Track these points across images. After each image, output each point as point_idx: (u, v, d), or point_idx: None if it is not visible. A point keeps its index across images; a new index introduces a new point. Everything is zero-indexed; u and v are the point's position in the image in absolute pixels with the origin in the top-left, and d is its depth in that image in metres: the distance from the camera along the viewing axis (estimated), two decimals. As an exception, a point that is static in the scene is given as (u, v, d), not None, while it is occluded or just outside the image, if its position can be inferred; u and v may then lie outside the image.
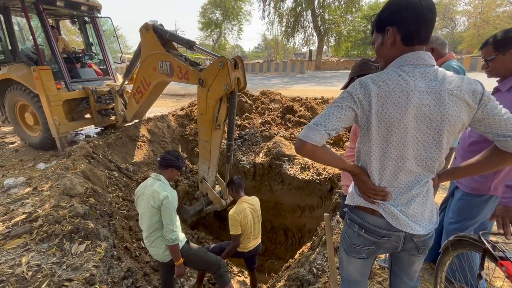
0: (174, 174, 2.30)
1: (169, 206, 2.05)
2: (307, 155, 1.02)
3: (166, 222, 2.07)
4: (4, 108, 5.02)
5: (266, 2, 21.67)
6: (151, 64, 3.68)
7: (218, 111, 3.14)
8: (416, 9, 0.91)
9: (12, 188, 3.67)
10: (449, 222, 1.73)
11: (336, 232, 2.54)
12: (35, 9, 4.38)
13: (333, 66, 23.04)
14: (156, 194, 2.05)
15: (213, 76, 2.96)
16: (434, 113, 0.94)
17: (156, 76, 3.70)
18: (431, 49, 2.09)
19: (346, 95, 0.99)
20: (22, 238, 2.54)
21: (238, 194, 2.76)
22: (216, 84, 2.97)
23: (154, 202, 2.05)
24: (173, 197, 2.10)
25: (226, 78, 2.84)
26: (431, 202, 1.09)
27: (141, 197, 2.16)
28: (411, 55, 0.97)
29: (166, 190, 2.09)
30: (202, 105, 3.21)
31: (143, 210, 2.15)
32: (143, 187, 2.19)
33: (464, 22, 29.77)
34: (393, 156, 1.01)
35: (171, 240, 2.08)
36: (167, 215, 2.06)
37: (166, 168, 2.22)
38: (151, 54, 3.61)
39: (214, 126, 3.23)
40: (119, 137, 4.94)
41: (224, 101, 3.08)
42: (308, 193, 4.10)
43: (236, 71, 2.87)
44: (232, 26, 30.92)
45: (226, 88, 2.87)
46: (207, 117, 3.23)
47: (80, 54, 5.62)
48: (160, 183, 2.13)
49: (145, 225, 2.16)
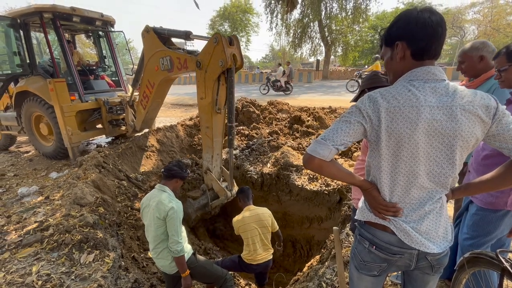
0: (178, 184, 2.31)
1: (174, 217, 2.06)
2: (315, 170, 1.02)
3: (171, 233, 2.07)
4: (20, 118, 5.20)
5: (273, 14, 22.05)
6: (153, 64, 3.76)
7: (217, 93, 3.10)
8: (426, 24, 0.91)
9: (26, 196, 3.76)
10: (464, 237, 1.67)
11: (345, 245, 2.48)
12: (52, 25, 4.59)
13: (340, 75, 23.03)
14: (161, 205, 2.06)
15: (209, 56, 2.95)
16: (446, 129, 0.92)
17: (159, 74, 3.78)
18: (480, 57, 1.83)
19: (355, 109, 0.99)
20: (33, 247, 2.59)
21: (244, 203, 2.80)
22: (212, 63, 2.96)
23: (160, 214, 2.06)
24: (178, 208, 2.11)
25: (221, 54, 2.82)
26: (445, 219, 1.06)
27: (146, 208, 2.17)
28: (421, 70, 0.96)
29: (171, 202, 2.10)
30: (201, 89, 3.20)
31: (149, 221, 2.16)
32: (148, 198, 2.20)
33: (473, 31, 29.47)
34: (404, 172, 0.99)
35: (176, 251, 2.07)
36: (172, 226, 2.06)
37: (170, 179, 2.24)
38: (153, 54, 3.71)
39: (215, 109, 3.17)
40: (129, 147, 5.03)
41: (223, 83, 3.05)
42: (316, 204, 4.04)
43: (232, 47, 2.86)
44: (241, 38, 31.51)
45: (222, 64, 2.84)
46: (206, 100, 3.19)
47: (93, 66, 5.82)
48: (165, 195, 2.14)
49: (151, 237, 2.16)
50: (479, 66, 1.86)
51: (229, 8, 28.58)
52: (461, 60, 1.96)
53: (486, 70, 1.85)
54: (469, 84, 1.95)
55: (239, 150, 5.21)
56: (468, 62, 1.90)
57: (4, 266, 2.34)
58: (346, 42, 22.61)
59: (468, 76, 1.98)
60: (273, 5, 20.94)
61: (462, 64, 1.96)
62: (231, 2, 28.17)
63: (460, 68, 1.98)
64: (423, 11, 0.93)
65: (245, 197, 2.80)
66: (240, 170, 4.76)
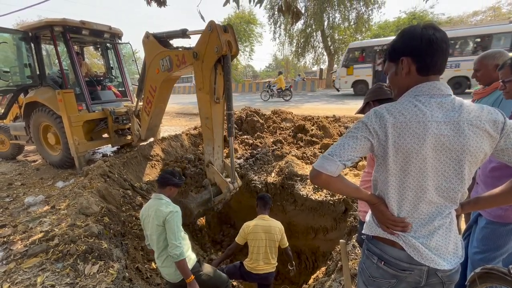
0: (173, 191, 2.32)
1: (171, 220, 2.06)
2: (322, 185, 1.02)
3: (169, 237, 2.07)
4: (29, 128, 5.30)
5: (277, 24, 22.45)
6: (154, 68, 3.82)
7: (215, 83, 3.13)
8: (431, 41, 0.92)
9: (32, 206, 3.79)
10: (474, 251, 1.63)
11: (352, 257, 2.44)
12: (62, 38, 4.73)
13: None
14: (159, 212, 2.09)
15: (205, 45, 2.99)
16: (453, 144, 0.92)
17: (160, 76, 3.84)
18: (496, 66, 1.83)
19: (361, 125, 0.99)
20: (38, 257, 2.59)
21: (260, 210, 2.83)
22: (208, 51, 2.99)
23: (159, 221, 2.08)
24: (177, 212, 2.13)
25: (216, 40, 2.86)
26: (455, 234, 1.04)
27: (147, 219, 2.20)
28: (426, 85, 0.97)
29: (169, 207, 2.12)
30: (199, 79, 3.23)
31: (150, 231, 2.18)
32: (146, 209, 2.23)
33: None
34: (412, 187, 0.99)
35: (176, 256, 2.04)
36: (170, 230, 2.06)
37: (164, 187, 2.27)
38: (153, 58, 3.79)
39: (213, 99, 3.18)
40: (134, 156, 5.07)
41: (220, 72, 3.08)
42: (321, 215, 3.99)
43: (227, 34, 2.90)
44: (244, 48, 31.98)
45: (217, 50, 2.87)
46: (204, 90, 3.21)
47: (101, 77, 5.94)
48: (162, 202, 2.17)
49: (155, 246, 2.18)
50: (495, 75, 1.84)
51: (233, 19, 29.13)
52: (476, 68, 1.98)
53: None
54: (482, 91, 1.97)
55: (243, 159, 5.22)
56: (484, 70, 1.92)
57: (9, 277, 2.34)
58: (349, 51, 22.78)
59: (483, 84, 1.99)
60: (277, 16, 21.33)
61: (478, 72, 1.97)
62: (235, 14, 28.71)
63: (476, 75, 2.00)
64: (427, 28, 0.94)
65: (263, 205, 2.83)
66: (245, 179, 4.75)
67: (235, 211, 5.31)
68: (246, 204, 4.92)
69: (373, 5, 19.18)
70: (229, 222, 5.46)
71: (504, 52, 1.89)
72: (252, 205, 4.78)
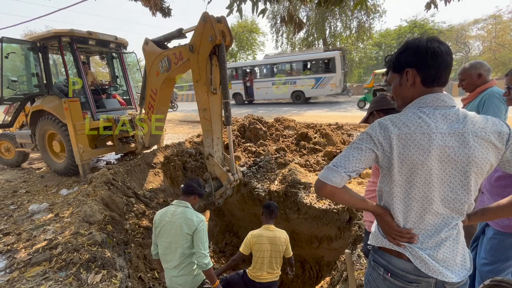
0: (196, 201, 2.35)
1: (202, 230, 2.10)
2: (327, 197, 1.02)
3: (199, 247, 2.08)
4: (34, 136, 5.36)
5: (279, 33, 22.76)
6: (154, 71, 3.90)
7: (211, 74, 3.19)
8: (436, 54, 0.94)
9: (36, 213, 3.81)
10: (482, 263, 1.60)
11: (357, 268, 2.40)
12: (69, 48, 4.84)
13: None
14: (189, 221, 2.09)
15: (200, 36, 3.06)
16: (459, 155, 0.92)
17: (159, 78, 3.91)
18: (479, 75, 2.17)
19: (366, 136, 1.00)
20: (41, 266, 2.58)
21: (265, 219, 2.79)
22: (203, 41, 3.06)
23: (189, 229, 2.07)
24: (205, 222, 2.17)
25: (210, 30, 2.94)
26: (463, 246, 1.03)
27: (168, 225, 2.14)
28: (430, 97, 0.98)
29: (199, 216, 2.15)
30: (195, 71, 3.28)
31: (173, 238, 2.13)
32: (168, 215, 2.18)
33: (478, 46, 29.67)
34: (418, 198, 0.99)
35: (204, 265, 2.08)
36: (200, 240, 2.08)
37: (189, 196, 2.28)
38: (153, 61, 3.87)
39: (210, 90, 3.23)
40: (138, 163, 5.08)
41: (215, 63, 3.15)
42: (325, 223, 3.95)
43: (220, 24, 2.97)
44: (247, 56, 32.36)
45: (212, 39, 2.94)
46: (201, 81, 3.26)
47: (106, 86, 6.03)
48: (189, 210, 2.17)
49: (178, 254, 2.13)
50: (478, 82, 2.20)
51: (236, 28, 29.60)
52: (462, 78, 2.28)
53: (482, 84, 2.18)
54: (467, 97, 2.28)
55: (246, 167, 5.22)
56: (468, 79, 2.23)
57: (12, 286, 2.34)
58: (351, 59, 23.00)
59: (468, 91, 2.29)
60: (279, 25, 21.64)
61: (463, 82, 2.28)
62: (238, 23, 29.20)
63: (461, 84, 2.30)
64: (431, 40, 0.96)
65: (268, 214, 2.79)
66: (248, 187, 4.74)
67: (238, 219, 5.27)
68: (249, 212, 4.90)
69: (374, 14, 19.42)
70: (232, 230, 5.42)
71: (484, 62, 2.26)
72: (256, 213, 4.76)
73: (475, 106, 2.14)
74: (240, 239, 5.23)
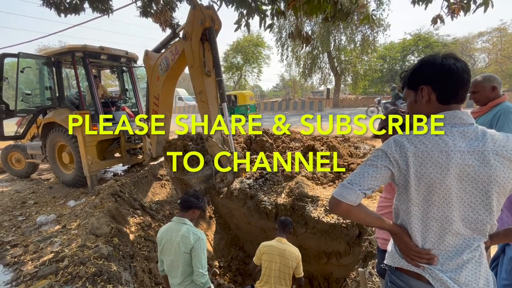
0: (196, 214, 2.30)
1: (199, 248, 2.04)
2: (342, 215, 1.00)
3: (196, 266, 2.03)
4: (45, 148, 5.46)
5: (284, 47, 23.16)
6: (155, 77, 4.07)
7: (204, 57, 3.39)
8: (452, 71, 0.93)
9: (44, 225, 3.82)
10: (504, 284, 1.53)
11: (369, 286, 2.32)
12: (82, 62, 5.00)
13: (351, 103, 23.24)
14: (186, 239, 2.04)
15: (191, 22, 3.31)
16: (479, 174, 0.90)
17: (160, 82, 4.05)
18: (493, 88, 2.13)
19: (381, 153, 0.99)
20: (48, 279, 2.56)
21: (278, 232, 2.77)
22: (195, 26, 3.29)
23: (186, 248, 2.03)
24: (203, 239, 2.10)
25: (200, 14, 3.19)
26: (485, 268, 0.99)
27: (168, 244, 2.13)
28: (447, 114, 0.96)
29: (196, 233, 2.09)
30: (190, 57, 3.48)
31: (174, 257, 2.11)
32: (167, 233, 2.16)
33: (484, 59, 29.65)
34: (437, 217, 0.96)
35: (202, 284, 2.03)
36: (197, 258, 2.03)
37: (187, 210, 2.23)
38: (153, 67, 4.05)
39: (204, 72, 3.41)
40: (145, 175, 5.11)
41: (207, 48, 3.36)
42: (334, 238, 3.85)
43: (209, 10, 3.23)
44: (252, 69, 32.90)
45: (202, 22, 3.19)
46: (195, 65, 3.44)
47: (115, 98, 6.17)
48: (187, 227, 2.12)
49: (180, 272, 2.10)
50: (492, 96, 2.15)
51: (241, 42, 30.28)
52: (474, 90, 2.22)
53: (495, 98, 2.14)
54: (479, 110, 2.22)
55: (252, 179, 5.19)
56: (482, 92, 2.18)
57: (18, 300, 2.31)
58: (356, 71, 23.14)
59: (481, 104, 2.23)
60: (284, 39, 22.05)
61: (476, 94, 2.22)
62: (244, 37, 29.89)
63: (473, 97, 2.24)
64: (447, 57, 0.96)
65: (281, 227, 2.78)
66: (254, 200, 4.69)
67: (244, 233, 5.19)
68: (256, 226, 4.82)
69: (378, 28, 19.68)
70: (238, 244, 5.33)
71: (495, 75, 2.23)
72: (262, 226, 4.69)
73: (488, 120, 2.10)
74: (246, 253, 5.13)
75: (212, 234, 5.02)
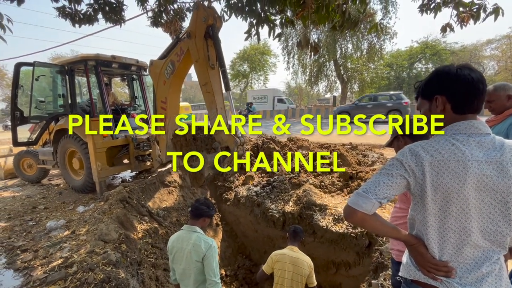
0: (206, 222, 2.30)
1: (210, 256, 2.03)
2: (357, 224, 0.99)
3: (208, 274, 2.02)
4: (56, 153, 5.57)
5: (290, 55, 23.38)
6: (162, 81, 4.18)
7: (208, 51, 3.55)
8: (467, 81, 0.93)
9: (53, 230, 3.86)
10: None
11: (381, 299, 2.26)
12: (94, 70, 5.12)
13: (358, 111, 23.16)
14: (197, 247, 2.03)
15: (195, 22, 3.50)
16: (498, 185, 0.88)
17: (166, 85, 4.18)
18: (508, 96, 2.13)
19: (396, 162, 0.98)
20: (57, 285, 2.58)
21: (289, 241, 2.76)
22: (199, 24, 3.48)
23: (198, 256, 2.02)
24: (214, 247, 2.09)
25: (203, 13, 3.39)
26: (506, 282, 0.95)
27: (180, 252, 2.12)
28: (463, 124, 0.95)
29: (207, 241, 2.09)
30: (195, 53, 3.63)
31: (186, 265, 2.10)
32: (178, 241, 2.16)
33: (493, 66, 29.31)
34: (454, 228, 0.94)
35: None
36: (209, 266, 2.02)
37: (198, 218, 2.22)
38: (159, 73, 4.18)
39: (209, 65, 3.57)
40: (153, 182, 5.14)
41: (211, 44, 3.53)
42: (343, 248, 3.78)
43: (211, 10, 3.45)
44: (259, 76, 33.23)
45: (205, 20, 3.39)
46: (200, 59, 3.60)
47: (125, 106, 6.29)
48: (197, 235, 2.12)
49: (192, 280, 2.09)
50: (508, 104, 2.14)
51: (248, 50, 30.69)
52: (490, 99, 2.20)
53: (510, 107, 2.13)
54: (494, 119, 2.20)
55: (259, 187, 5.17)
56: (498, 100, 2.17)
57: (28, 305, 2.33)
58: (362, 79, 23.12)
59: (496, 113, 2.22)
60: (290, 47, 22.27)
61: (491, 103, 2.21)
62: (250, 45, 30.30)
63: (489, 106, 2.23)
64: (462, 68, 0.95)
65: (292, 236, 2.77)
66: (261, 207, 4.66)
67: (251, 241, 5.15)
68: (263, 234, 4.78)
69: (385, 36, 19.72)
70: (245, 253, 5.28)
71: (509, 84, 2.19)
72: (269, 235, 4.64)
73: (504, 129, 2.07)
74: (253, 262, 5.07)
75: (218, 242, 4.99)
